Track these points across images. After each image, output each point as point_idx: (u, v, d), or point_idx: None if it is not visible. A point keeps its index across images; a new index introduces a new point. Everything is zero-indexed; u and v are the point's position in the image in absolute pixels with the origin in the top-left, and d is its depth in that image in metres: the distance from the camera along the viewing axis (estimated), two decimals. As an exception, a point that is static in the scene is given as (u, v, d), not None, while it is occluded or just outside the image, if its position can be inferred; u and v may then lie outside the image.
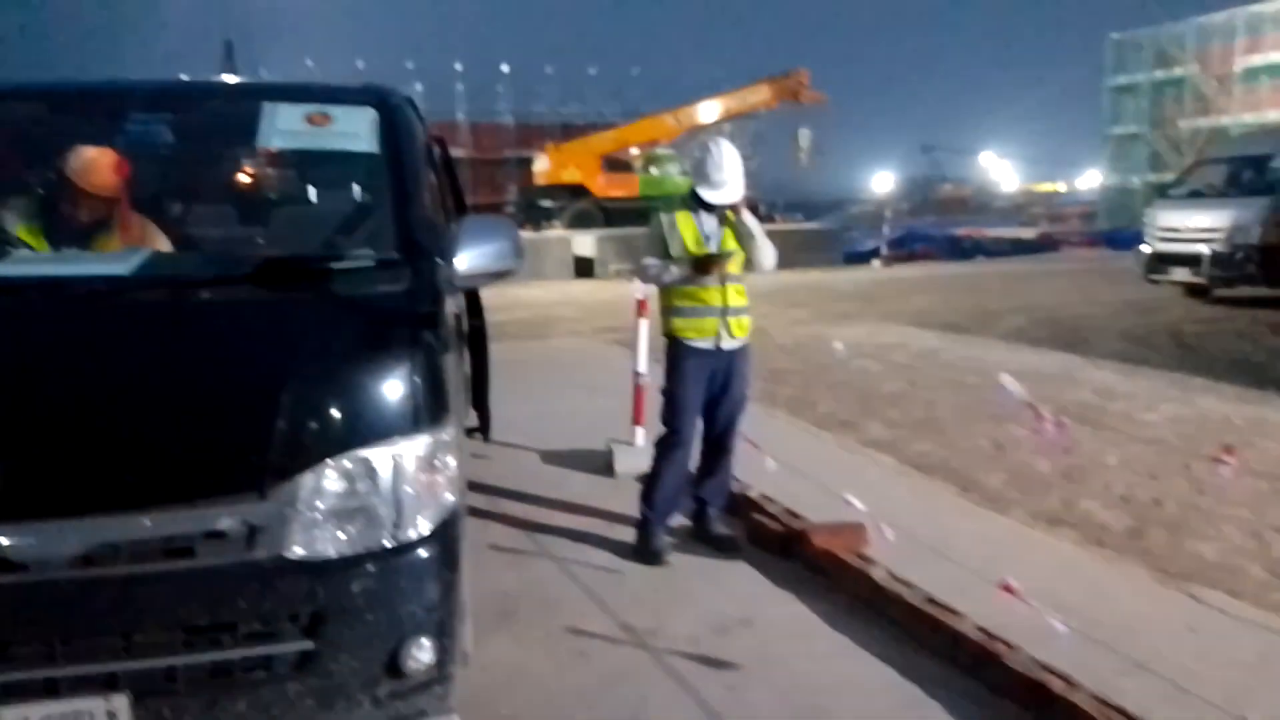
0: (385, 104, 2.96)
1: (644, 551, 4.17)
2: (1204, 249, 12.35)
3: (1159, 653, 3.22)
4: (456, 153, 32.33)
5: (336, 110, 2.92)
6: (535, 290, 17.95)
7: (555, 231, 25.18)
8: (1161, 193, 14.36)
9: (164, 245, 3.04)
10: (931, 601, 3.41)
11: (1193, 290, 13.39)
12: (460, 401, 3.08)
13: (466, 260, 2.58)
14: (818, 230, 26.66)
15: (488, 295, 5.15)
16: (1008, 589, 3.04)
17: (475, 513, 4.77)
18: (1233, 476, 2.46)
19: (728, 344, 4.11)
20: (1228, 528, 4.50)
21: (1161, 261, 13.17)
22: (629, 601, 3.76)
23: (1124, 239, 30.34)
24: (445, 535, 2.37)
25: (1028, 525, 4.63)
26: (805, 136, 28.63)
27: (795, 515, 4.35)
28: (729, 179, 4.00)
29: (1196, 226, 12.56)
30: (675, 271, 4.04)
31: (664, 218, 4.12)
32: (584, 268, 20.94)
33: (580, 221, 25.78)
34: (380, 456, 2.23)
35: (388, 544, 2.25)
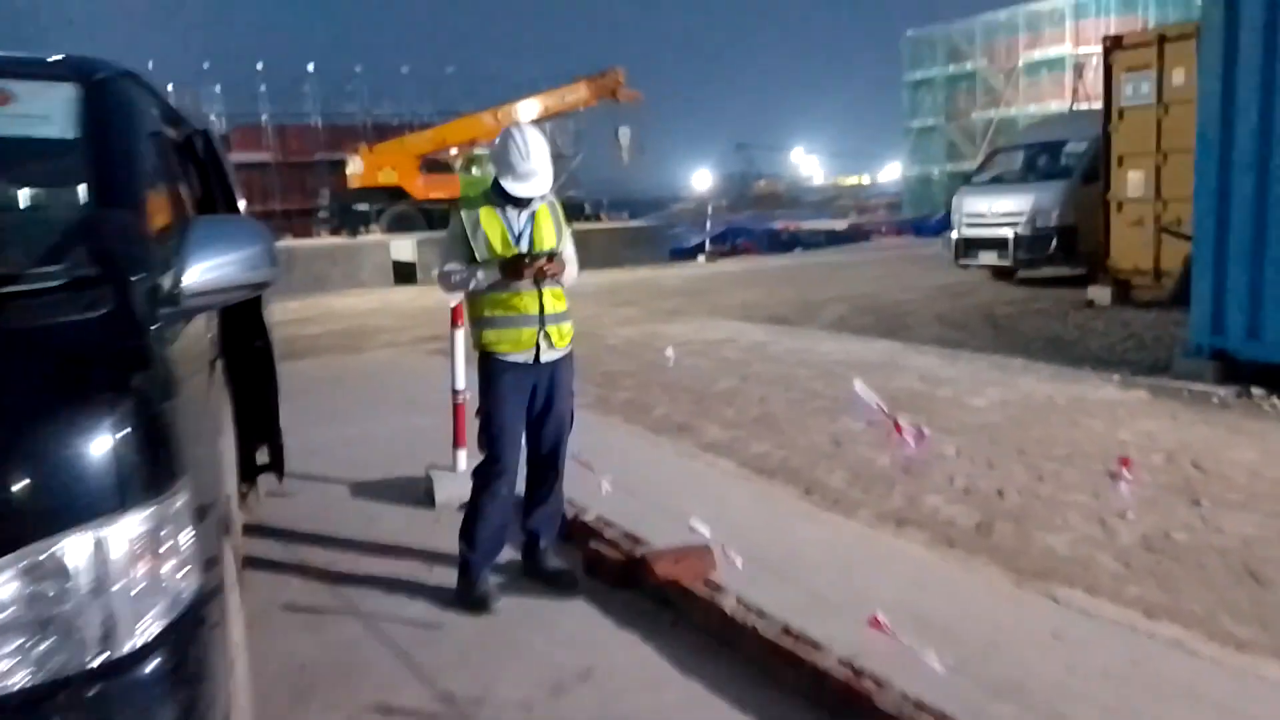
0: (91, 79, 2.31)
1: (466, 598, 3.65)
2: (1008, 233, 12.85)
3: (1029, 669, 2.98)
4: (261, 157, 30.41)
5: (20, 86, 2.25)
6: (351, 299, 16.93)
7: (371, 236, 24.00)
8: (966, 180, 14.91)
9: None
10: (788, 633, 3.07)
11: (999, 273, 13.96)
12: (215, 451, 2.47)
13: (198, 273, 2.00)
14: (643, 228, 26.66)
15: (296, 307, 4.49)
16: (876, 624, 2.71)
17: (269, 565, 4.14)
18: (1133, 491, 2.25)
19: (547, 355, 3.64)
20: (1072, 516, 4.40)
21: (970, 246, 13.65)
22: (449, 662, 3.23)
23: (929, 226, 31.93)
24: (183, 638, 1.79)
25: (875, 528, 4.40)
26: (625, 134, 28.46)
27: (636, 540, 3.93)
28: (537, 168, 3.53)
29: (1000, 211, 13.07)
30: (482, 276, 3.54)
31: (465, 216, 3.60)
32: (404, 273, 19.98)
33: (400, 225, 24.72)
34: (73, 548, 1.63)
35: (93, 664, 1.66)
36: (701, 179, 49.80)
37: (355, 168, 28.16)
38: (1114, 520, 4.31)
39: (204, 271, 2.02)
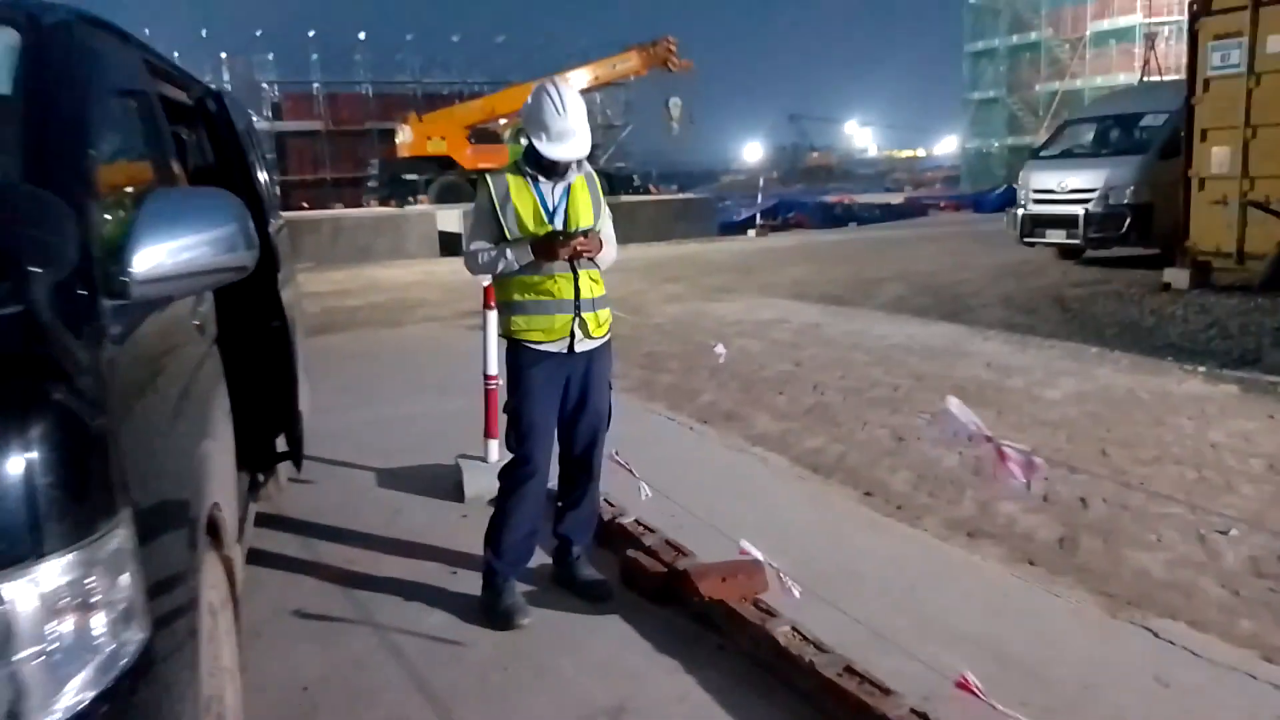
0: (37, 25, 1.95)
1: (491, 611, 3.31)
2: (1079, 210, 12.16)
3: (1132, 722, 2.57)
4: (312, 125, 30.42)
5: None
6: (395, 270, 16.74)
7: (419, 207, 23.81)
8: (1033, 154, 14.18)
9: None
10: (851, 671, 2.68)
11: (1065, 252, 13.26)
12: (198, 456, 2.14)
13: (151, 258, 1.65)
14: (693, 200, 26.15)
15: (339, 278, 4.18)
16: (965, 686, 2.31)
17: (283, 563, 3.85)
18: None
19: (582, 345, 3.26)
20: (1166, 530, 3.94)
21: (1036, 223, 12.97)
22: (467, 688, 2.89)
23: (989, 201, 30.99)
24: (120, 706, 1.46)
25: (944, 539, 3.99)
26: (676, 105, 27.92)
27: (678, 549, 3.56)
28: (575, 127, 3.13)
29: (1071, 187, 12.37)
30: (512, 257, 3.16)
31: (494, 187, 3.22)
32: (451, 244, 19.75)
33: (448, 195, 24.48)
34: (-30, 605, 1.31)
35: (0, 748, 1.34)
36: (752, 151, 48.95)
37: (404, 137, 28.01)
38: (1215, 538, 3.85)
39: (158, 256, 1.67)
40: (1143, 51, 33.70)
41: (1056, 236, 12.74)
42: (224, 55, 37.41)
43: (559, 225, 3.18)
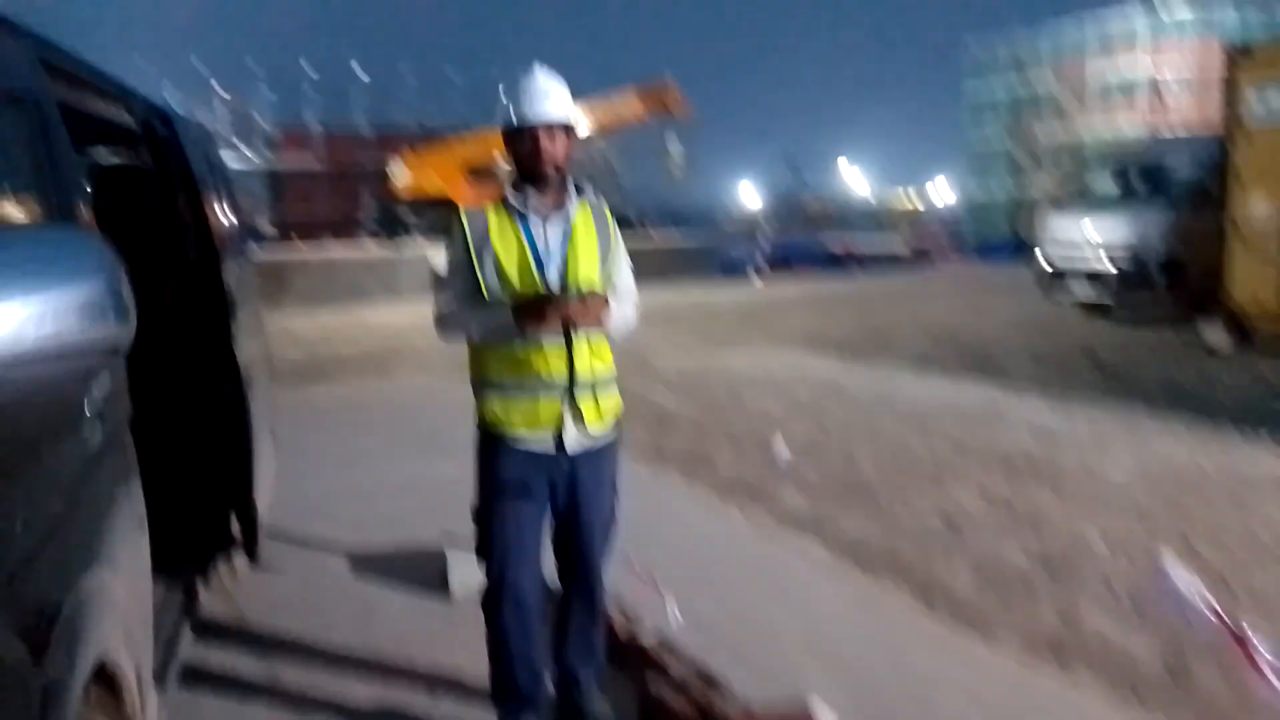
0: None
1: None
2: (1106, 263, 11.58)
3: None
4: (308, 164, 29.78)
5: None
6: (387, 315, 16.09)
7: (413, 248, 23.25)
8: (1056, 205, 13.65)
9: None
10: None
11: (1089, 306, 12.66)
12: (86, 607, 1.51)
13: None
14: (696, 247, 25.71)
15: (326, 324, 3.55)
16: None
17: (229, 686, 3.18)
18: None
19: (575, 443, 2.55)
20: (1297, 658, 3.27)
21: (1060, 278, 12.38)
22: None
23: (994, 252, 30.62)
24: None
25: (1029, 664, 3.31)
26: (676, 146, 27.54)
27: (711, 682, 2.88)
28: (548, 88, 2.51)
29: (1097, 241, 11.78)
30: (491, 324, 2.49)
31: (469, 226, 2.53)
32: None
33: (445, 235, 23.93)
34: None
35: None
36: (747, 192, 48.63)
37: (400, 175, 27.56)
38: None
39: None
40: (1148, 102, 33.69)
41: (1081, 290, 12.15)
42: (214, 83, 36.46)
43: (554, 279, 2.50)
